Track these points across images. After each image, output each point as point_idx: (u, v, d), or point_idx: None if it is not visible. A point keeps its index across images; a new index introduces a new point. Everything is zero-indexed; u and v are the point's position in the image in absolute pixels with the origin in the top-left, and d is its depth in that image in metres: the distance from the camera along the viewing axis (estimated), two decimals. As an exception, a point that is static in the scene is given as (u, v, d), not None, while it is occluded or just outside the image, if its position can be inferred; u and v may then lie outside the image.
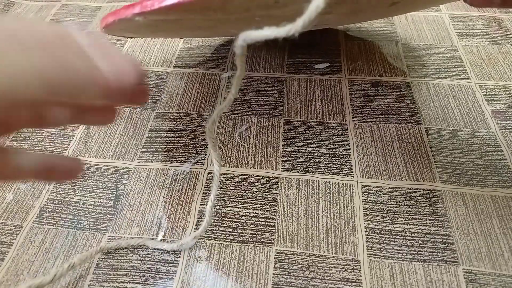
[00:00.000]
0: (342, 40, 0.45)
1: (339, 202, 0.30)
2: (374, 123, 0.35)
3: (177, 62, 0.43)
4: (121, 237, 0.29)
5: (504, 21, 0.45)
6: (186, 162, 0.33)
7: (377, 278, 0.26)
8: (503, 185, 0.30)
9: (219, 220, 0.30)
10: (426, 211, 0.29)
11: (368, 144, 0.34)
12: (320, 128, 0.35)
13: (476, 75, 0.39)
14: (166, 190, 0.32)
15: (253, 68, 0.42)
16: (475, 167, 0.32)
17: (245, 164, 0.33)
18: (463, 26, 0.45)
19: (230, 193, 0.31)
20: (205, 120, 0.37)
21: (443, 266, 0.26)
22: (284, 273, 0.27)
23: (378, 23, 0.46)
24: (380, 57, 0.42)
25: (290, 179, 0.32)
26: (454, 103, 0.37)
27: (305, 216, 0.29)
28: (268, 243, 0.28)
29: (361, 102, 0.37)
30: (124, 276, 0.27)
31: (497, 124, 0.35)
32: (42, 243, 0.29)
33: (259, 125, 0.36)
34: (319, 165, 0.33)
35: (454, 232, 0.28)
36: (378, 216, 0.29)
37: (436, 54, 0.42)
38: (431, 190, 0.30)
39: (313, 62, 0.42)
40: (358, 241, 0.28)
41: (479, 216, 0.29)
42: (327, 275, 0.26)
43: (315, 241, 0.28)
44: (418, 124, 0.35)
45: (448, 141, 0.34)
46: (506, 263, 0.26)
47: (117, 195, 0.31)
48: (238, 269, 0.27)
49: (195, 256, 0.28)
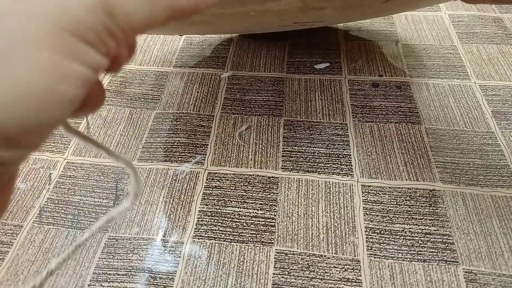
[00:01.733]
0: (342, 40, 0.45)
1: (339, 202, 0.30)
2: (374, 123, 0.35)
3: (177, 62, 0.43)
4: (121, 237, 0.29)
5: (504, 21, 0.45)
6: (186, 162, 0.33)
7: (377, 278, 0.26)
8: (503, 185, 0.30)
9: (219, 220, 0.30)
10: (426, 211, 0.29)
11: (368, 144, 0.34)
12: (320, 128, 0.35)
13: (476, 75, 0.39)
14: (166, 190, 0.32)
15: (253, 68, 0.42)
16: (475, 167, 0.32)
17: (245, 164, 0.33)
18: (463, 26, 0.45)
19: (230, 193, 0.31)
20: (205, 120, 0.37)
21: (443, 266, 0.26)
22: (284, 273, 0.27)
23: (378, 23, 0.46)
24: (380, 57, 0.42)
25: (290, 179, 0.32)
26: (454, 103, 0.37)
27: (305, 216, 0.29)
28: (268, 243, 0.28)
29: (361, 102, 0.37)
30: (124, 276, 0.27)
31: (497, 124, 0.35)
32: (42, 243, 0.29)
33: (259, 125, 0.36)
34: (319, 165, 0.33)
35: (454, 232, 0.28)
36: (378, 216, 0.29)
37: (436, 54, 0.42)
38: (431, 190, 0.30)
39: (313, 62, 0.42)
40: (358, 241, 0.28)
41: (479, 216, 0.29)
42: (327, 275, 0.26)
43: (315, 241, 0.28)
44: (418, 124, 0.35)
45: (448, 141, 0.34)
46: (506, 263, 0.26)
47: (117, 195, 0.31)
48: (238, 269, 0.27)
49: (195, 256, 0.28)
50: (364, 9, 0.33)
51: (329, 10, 0.29)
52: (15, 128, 0.11)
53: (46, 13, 0.11)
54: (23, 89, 0.10)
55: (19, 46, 0.10)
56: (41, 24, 0.11)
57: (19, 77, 0.10)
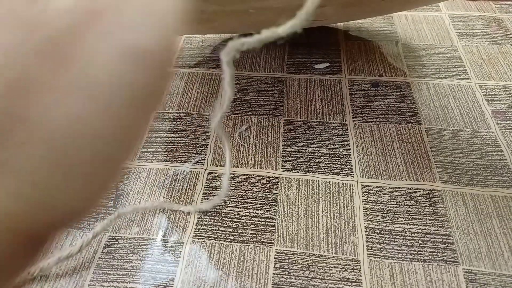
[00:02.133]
0: (342, 40, 0.45)
1: (339, 202, 0.30)
2: (374, 123, 0.35)
3: (177, 62, 0.43)
4: (121, 237, 0.29)
5: (504, 21, 0.45)
6: (186, 162, 0.33)
7: (377, 278, 0.26)
8: (503, 185, 0.30)
9: (219, 220, 0.30)
10: (426, 211, 0.29)
11: (368, 144, 0.34)
12: (320, 128, 0.35)
13: (476, 75, 0.39)
14: (166, 190, 0.32)
15: (253, 68, 0.42)
16: (475, 167, 0.32)
17: (245, 164, 0.33)
18: (463, 26, 0.45)
19: (230, 193, 0.31)
20: (205, 120, 0.37)
21: (443, 266, 0.26)
22: (284, 273, 0.27)
23: (378, 23, 0.46)
24: (380, 57, 0.42)
25: (290, 179, 0.32)
26: (454, 103, 0.37)
27: (305, 216, 0.29)
28: (268, 243, 0.28)
29: (361, 102, 0.37)
30: (124, 276, 0.27)
31: (497, 124, 0.35)
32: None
33: (259, 125, 0.36)
34: (319, 165, 0.33)
35: (454, 232, 0.28)
36: (378, 216, 0.29)
37: (436, 54, 0.42)
38: (431, 190, 0.30)
39: (313, 62, 0.42)
40: (358, 241, 0.28)
41: (479, 216, 0.29)
42: (327, 275, 0.26)
43: (315, 241, 0.28)
44: (418, 124, 0.35)
45: (448, 141, 0.34)
46: (506, 263, 0.26)
47: (117, 195, 0.31)
48: (238, 269, 0.27)
49: (195, 256, 0.28)
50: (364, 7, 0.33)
51: (329, 8, 0.29)
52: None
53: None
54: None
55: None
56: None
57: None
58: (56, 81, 0.08)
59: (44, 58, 0.08)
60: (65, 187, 0.08)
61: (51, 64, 0.08)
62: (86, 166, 0.08)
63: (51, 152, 0.08)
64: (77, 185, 0.08)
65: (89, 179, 0.09)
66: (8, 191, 0.07)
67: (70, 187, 0.08)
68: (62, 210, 0.08)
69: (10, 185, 0.07)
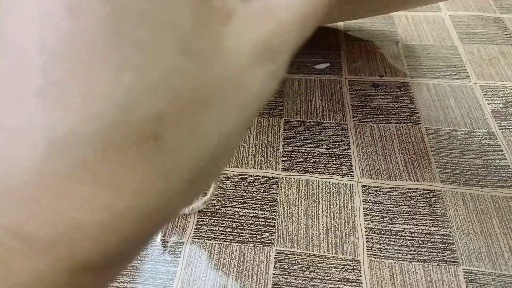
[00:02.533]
0: (342, 40, 0.45)
1: (339, 202, 0.30)
2: (374, 123, 0.35)
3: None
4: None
5: (504, 21, 0.45)
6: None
7: (377, 278, 0.26)
8: (503, 185, 0.30)
9: (219, 220, 0.30)
10: (426, 211, 0.29)
11: (368, 144, 0.34)
12: (320, 128, 0.35)
13: (477, 75, 0.39)
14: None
15: (254, 68, 0.42)
16: (475, 167, 0.32)
17: (245, 164, 0.33)
18: (463, 26, 0.45)
19: (230, 193, 0.31)
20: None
21: (443, 266, 0.26)
22: (284, 273, 0.27)
23: (378, 24, 0.46)
24: (380, 57, 0.42)
25: (290, 179, 0.32)
26: (454, 104, 0.37)
27: (305, 216, 0.29)
28: (268, 243, 0.28)
29: (362, 102, 0.37)
30: (124, 276, 0.27)
31: (497, 124, 0.35)
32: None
33: (259, 125, 0.36)
34: (319, 165, 0.33)
35: (454, 232, 0.28)
36: (378, 216, 0.29)
37: (437, 54, 0.42)
38: (431, 190, 0.30)
39: (313, 62, 0.42)
40: (358, 241, 0.28)
41: (479, 216, 0.29)
42: (327, 275, 0.26)
43: (315, 241, 0.28)
44: (419, 124, 0.35)
45: (448, 141, 0.34)
46: (506, 263, 0.26)
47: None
48: (238, 269, 0.27)
49: (195, 256, 0.28)
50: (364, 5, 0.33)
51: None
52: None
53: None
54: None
55: None
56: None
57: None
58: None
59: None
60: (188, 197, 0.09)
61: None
62: (209, 177, 0.09)
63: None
64: (193, 194, 0.09)
65: (204, 187, 0.10)
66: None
67: (190, 197, 0.09)
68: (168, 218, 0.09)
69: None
